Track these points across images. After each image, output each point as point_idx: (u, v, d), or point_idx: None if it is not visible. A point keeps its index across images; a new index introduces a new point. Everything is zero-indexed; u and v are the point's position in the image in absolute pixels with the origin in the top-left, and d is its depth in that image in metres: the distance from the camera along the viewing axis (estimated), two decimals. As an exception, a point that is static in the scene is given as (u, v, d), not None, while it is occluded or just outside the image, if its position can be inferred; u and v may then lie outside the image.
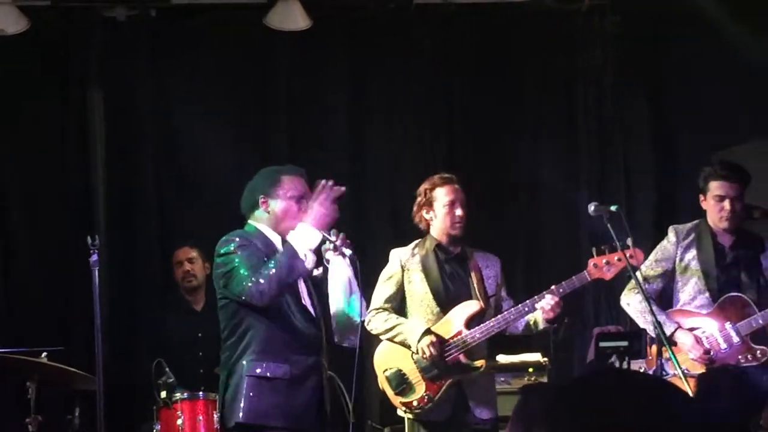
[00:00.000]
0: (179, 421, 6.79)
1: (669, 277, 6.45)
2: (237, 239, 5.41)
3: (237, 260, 5.33)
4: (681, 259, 6.42)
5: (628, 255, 5.90)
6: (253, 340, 5.36)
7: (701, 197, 6.41)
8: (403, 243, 6.63)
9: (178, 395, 6.86)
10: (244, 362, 5.34)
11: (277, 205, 5.53)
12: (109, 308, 7.64)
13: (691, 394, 5.46)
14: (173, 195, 8.36)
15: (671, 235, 6.48)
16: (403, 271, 6.43)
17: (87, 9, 8.23)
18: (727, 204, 6.30)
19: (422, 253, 6.44)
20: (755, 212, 7.79)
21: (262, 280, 5.24)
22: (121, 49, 8.34)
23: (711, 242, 6.39)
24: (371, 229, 8.48)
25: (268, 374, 5.33)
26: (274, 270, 5.25)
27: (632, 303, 6.40)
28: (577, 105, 8.75)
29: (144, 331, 8.03)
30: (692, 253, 6.40)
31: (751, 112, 8.13)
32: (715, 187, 6.33)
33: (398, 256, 6.49)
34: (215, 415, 6.71)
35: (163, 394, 6.86)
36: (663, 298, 6.53)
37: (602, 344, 3.17)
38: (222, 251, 5.41)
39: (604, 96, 8.68)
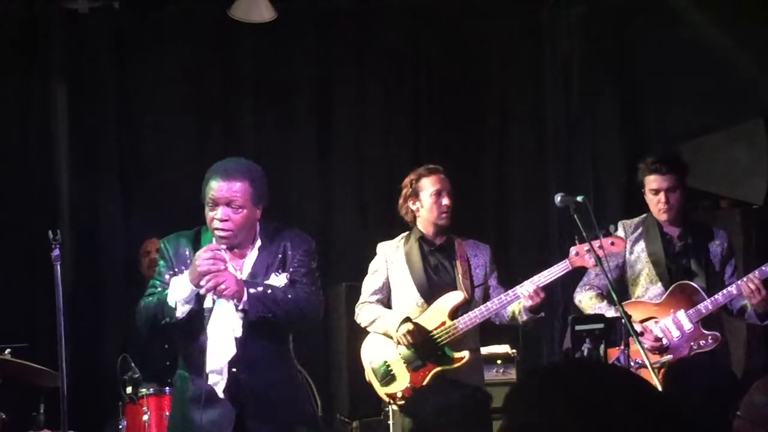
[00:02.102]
0: (145, 417, 6.76)
1: (621, 271, 6.52)
2: (162, 246, 5.18)
3: (157, 269, 5.18)
4: (631, 253, 6.51)
5: (609, 242, 5.91)
6: (179, 349, 5.21)
7: (643, 192, 6.49)
8: (372, 235, 6.63)
9: (144, 391, 6.81)
10: (178, 370, 5.20)
11: (206, 213, 5.06)
12: (74, 303, 7.58)
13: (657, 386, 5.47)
14: (138, 188, 8.29)
15: (620, 230, 6.56)
16: (387, 264, 6.44)
17: (49, 1, 8.15)
18: (662, 197, 6.39)
19: (407, 246, 6.45)
20: (723, 202, 7.83)
21: (139, 309, 5.08)
22: (84, 42, 8.26)
23: (659, 234, 6.48)
24: (339, 222, 8.46)
25: (179, 386, 5.16)
26: (150, 306, 5.00)
27: (584, 300, 6.53)
28: (544, 96, 8.74)
29: (109, 325, 7.96)
30: (641, 246, 6.50)
31: (720, 101, 8.14)
32: (649, 181, 6.43)
33: (383, 249, 6.51)
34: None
35: (129, 389, 6.82)
36: (617, 291, 6.56)
37: (578, 327, 3.14)
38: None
39: (572, 87, 8.68)
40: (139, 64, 8.39)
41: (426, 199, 6.40)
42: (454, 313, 6.28)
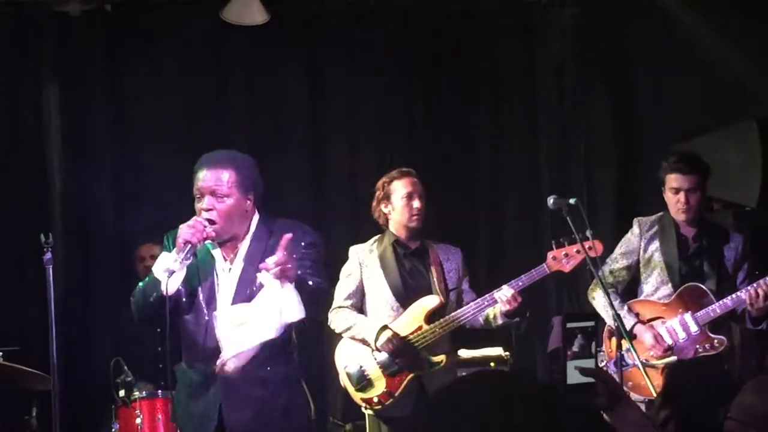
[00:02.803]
0: (138, 420, 6.75)
1: (634, 269, 6.51)
2: (166, 237, 5.11)
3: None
4: (645, 251, 6.48)
5: (587, 246, 5.87)
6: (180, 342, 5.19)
7: (663, 190, 6.43)
8: (363, 237, 6.60)
9: (136, 394, 6.80)
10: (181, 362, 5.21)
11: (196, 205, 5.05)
12: (66, 307, 7.57)
13: (654, 389, 5.46)
14: (130, 191, 8.26)
15: (635, 227, 6.54)
16: (361, 267, 6.41)
17: (39, 4, 8.12)
18: (682, 196, 6.34)
19: (380, 249, 6.43)
20: (715, 204, 7.81)
21: (134, 293, 5.07)
22: (76, 45, 8.24)
23: (674, 234, 6.43)
24: (331, 224, 8.43)
25: (179, 378, 5.16)
26: (140, 287, 5.02)
27: (597, 297, 6.48)
28: (537, 97, 8.73)
29: (102, 328, 7.94)
30: (655, 245, 6.46)
31: (713, 102, 8.13)
32: (671, 180, 6.38)
33: (356, 252, 6.48)
34: (175, 414, 6.67)
35: (122, 392, 6.81)
36: (629, 289, 6.56)
37: (569, 325, 3.12)
38: None
39: (565, 88, 8.67)
40: (130, 67, 8.36)
41: (397, 202, 6.41)
42: (430, 317, 6.27)
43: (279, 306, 4.76)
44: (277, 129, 8.51)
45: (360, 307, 6.42)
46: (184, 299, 4.98)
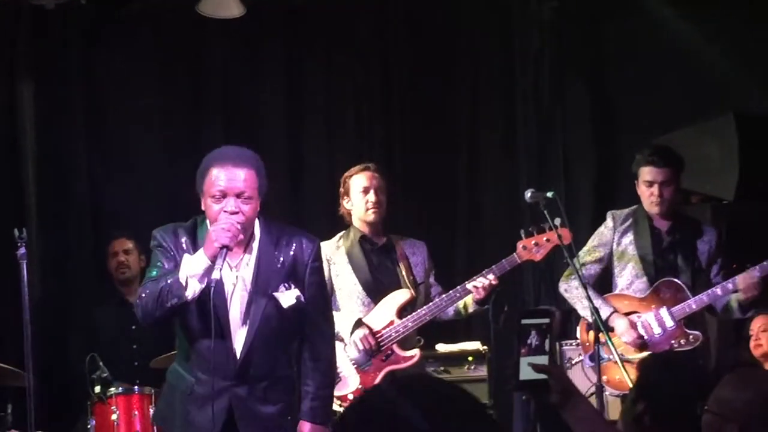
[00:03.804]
0: (114, 416, 6.71)
1: (606, 262, 6.52)
2: (158, 235, 4.82)
3: (152, 260, 4.86)
4: (618, 244, 6.49)
5: (556, 235, 5.90)
6: (178, 345, 5.01)
7: (636, 183, 6.43)
8: (340, 227, 6.60)
9: (113, 390, 6.76)
10: (174, 363, 5.05)
11: (205, 203, 4.75)
12: (41, 302, 7.54)
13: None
14: (105, 186, 8.21)
15: (609, 220, 6.55)
16: (329, 264, 6.34)
17: (14, -3, 8.06)
18: (655, 189, 6.36)
19: (347, 245, 6.43)
20: (693, 197, 7.83)
21: (143, 294, 4.69)
22: (51, 38, 8.17)
23: (648, 227, 6.45)
24: (311, 224, 8.38)
25: (174, 383, 4.95)
26: (156, 288, 4.63)
27: (569, 289, 6.48)
28: (515, 91, 8.73)
29: (77, 324, 7.89)
30: (629, 238, 6.47)
31: (691, 96, 8.14)
32: (644, 173, 6.40)
33: (323, 249, 6.41)
34: (151, 410, 6.64)
35: (98, 388, 6.77)
36: (603, 283, 6.56)
37: (524, 321, 3.15)
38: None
39: (543, 82, 8.66)
40: (106, 60, 8.30)
41: (355, 197, 6.42)
42: (402, 312, 6.28)
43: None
44: (254, 124, 8.47)
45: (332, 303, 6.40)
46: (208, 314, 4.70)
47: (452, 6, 8.60)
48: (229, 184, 4.63)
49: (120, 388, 6.80)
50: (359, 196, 6.38)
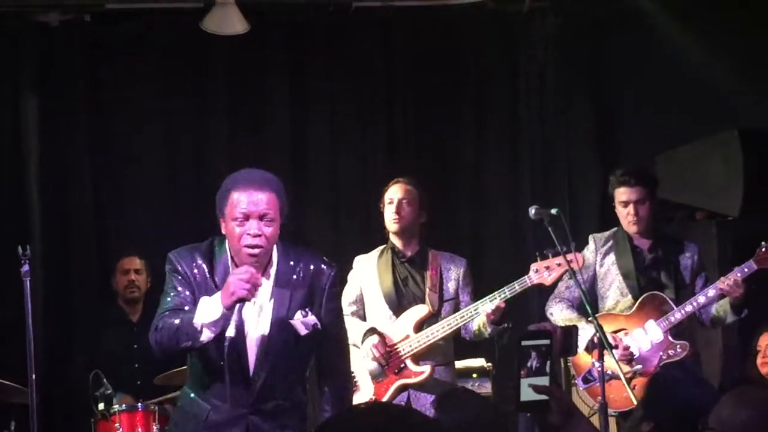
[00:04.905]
0: (117, 433, 6.68)
1: (590, 284, 6.56)
2: (173, 258, 4.75)
3: (166, 285, 4.77)
4: (601, 265, 6.59)
5: (569, 259, 5.86)
6: (191, 370, 4.92)
7: (614, 205, 6.55)
8: (345, 245, 6.62)
9: (116, 407, 6.74)
10: (185, 387, 4.96)
11: (226, 226, 4.67)
12: (45, 319, 7.53)
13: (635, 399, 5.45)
14: (110, 203, 8.22)
15: (590, 243, 6.66)
16: (360, 276, 6.51)
17: (19, 14, 8.07)
18: (631, 209, 6.46)
19: (380, 258, 6.51)
20: (698, 213, 7.82)
21: (160, 326, 4.62)
22: (55, 55, 8.19)
23: (628, 247, 6.55)
24: (313, 238, 8.39)
25: (188, 410, 4.85)
26: (173, 326, 4.57)
27: (555, 312, 6.58)
28: (519, 108, 8.72)
29: (81, 342, 7.87)
30: (611, 259, 6.57)
31: (696, 112, 8.14)
32: (619, 194, 6.50)
33: (357, 262, 6.60)
34: (154, 427, 6.63)
35: (101, 406, 6.75)
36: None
37: (524, 343, 3.16)
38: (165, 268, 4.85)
39: (547, 98, 8.67)
40: (110, 77, 8.33)
41: (385, 210, 6.51)
42: (420, 327, 6.31)
43: None
44: (258, 139, 8.47)
45: (363, 315, 6.53)
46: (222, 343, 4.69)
47: (456, 22, 8.59)
48: (251, 207, 4.58)
49: (123, 406, 6.79)
50: (387, 208, 6.47)
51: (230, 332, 4.62)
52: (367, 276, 6.49)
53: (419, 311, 6.36)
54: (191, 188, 8.12)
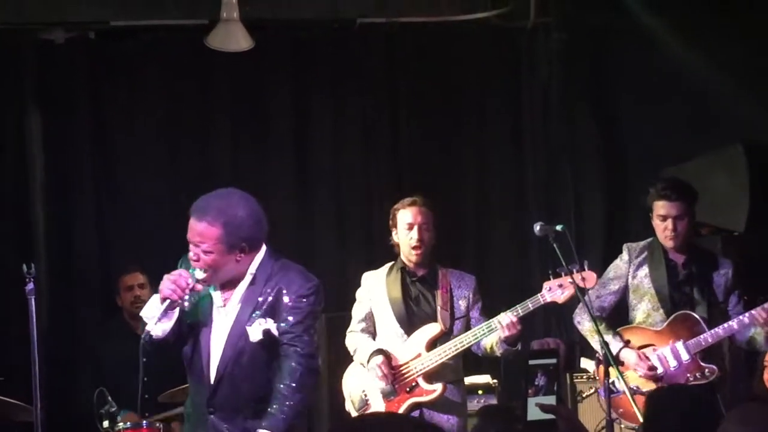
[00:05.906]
0: (122, 451, 6.66)
1: (621, 294, 6.49)
2: (180, 263, 5.12)
3: None
4: (633, 277, 6.48)
5: (580, 277, 5.84)
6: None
7: (651, 216, 6.44)
8: (352, 265, 6.61)
9: (120, 425, 6.72)
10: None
11: None
12: (49, 337, 7.53)
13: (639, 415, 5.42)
14: (114, 220, 8.22)
15: (624, 253, 6.54)
16: (369, 294, 6.47)
17: (23, 32, 8.08)
18: (669, 223, 6.35)
19: (389, 276, 6.47)
20: (703, 229, 7.80)
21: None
22: (60, 72, 8.20)
23: (663, 260, 6.44)
24: (318, 252, 8.40)
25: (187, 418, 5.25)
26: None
27: (582, 322, 6.46)
28: (523, 123, 8.72)
29: (85, 358, 7.86)
30: (644, 271, 6.46)
31: (701, 126, 8.14)
32: (658, 207, 6.39)
33: (366, 279, 6.56)
34: (159, 443, 6.63)
35: (106, 423, 6.73)
36: (619, 315, 6.53)
37: (531, 362, 3.15)
38: None
39: (551, 114, 8.66)
40: (114, 94, 8.34)
41: (401, 232, 6.45)
42: (432, 345, 6.29)
43: None
44: (262, 154, 8.47)
45: (373, 332, 6.49)
46: (184, 339, 5.03)
47: (460, 38, 8.59)
48: (190, 233, 4.83)
49: (128, 423, 6.77)
50: (404, 232, 6.40)
51: (203, 336, 4.95)
52: (377, 294, 6.45)
53: (431, 330, 6.32)
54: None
